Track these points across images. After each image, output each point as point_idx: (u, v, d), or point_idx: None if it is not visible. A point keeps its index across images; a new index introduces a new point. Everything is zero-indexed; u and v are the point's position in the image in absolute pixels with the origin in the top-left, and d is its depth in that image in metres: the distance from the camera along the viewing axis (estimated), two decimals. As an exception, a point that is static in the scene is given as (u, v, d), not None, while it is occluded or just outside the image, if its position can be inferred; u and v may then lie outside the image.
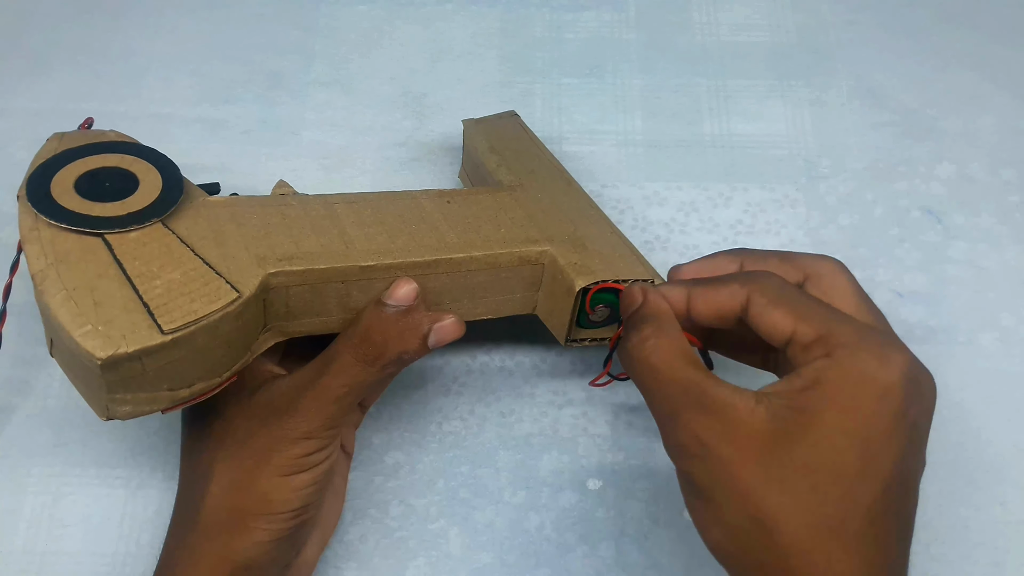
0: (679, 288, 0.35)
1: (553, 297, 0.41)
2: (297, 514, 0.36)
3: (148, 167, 0.38)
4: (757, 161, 0.53)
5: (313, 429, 0.36)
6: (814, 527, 0.29)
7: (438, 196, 0.42)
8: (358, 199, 0.41)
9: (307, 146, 0.53)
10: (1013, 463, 0.44)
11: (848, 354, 0.31)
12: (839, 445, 0.30)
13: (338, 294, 0.37)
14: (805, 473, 0.30)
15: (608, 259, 0.41)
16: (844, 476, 0.30)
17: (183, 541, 0.37)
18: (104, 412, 0.34)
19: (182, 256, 0.35)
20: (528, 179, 0.45)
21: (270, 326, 0.37)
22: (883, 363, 0.31)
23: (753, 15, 0.59)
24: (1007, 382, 0.46)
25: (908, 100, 0.55)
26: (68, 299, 0.32)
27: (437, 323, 0.37)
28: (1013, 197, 0.52)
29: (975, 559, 0.42)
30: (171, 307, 0.33)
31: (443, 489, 0.44)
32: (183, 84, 0.55)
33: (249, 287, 0.35)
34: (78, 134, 0.39)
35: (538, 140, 0.50)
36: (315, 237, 0.38)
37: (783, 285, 0.34)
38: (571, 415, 0.45)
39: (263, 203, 0.39)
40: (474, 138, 0.48)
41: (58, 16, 0.58)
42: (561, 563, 0.42)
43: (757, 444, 0.30)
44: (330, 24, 0.58)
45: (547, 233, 0.41)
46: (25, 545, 0.42)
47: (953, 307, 0.49)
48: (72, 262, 0.34)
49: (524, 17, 0.58)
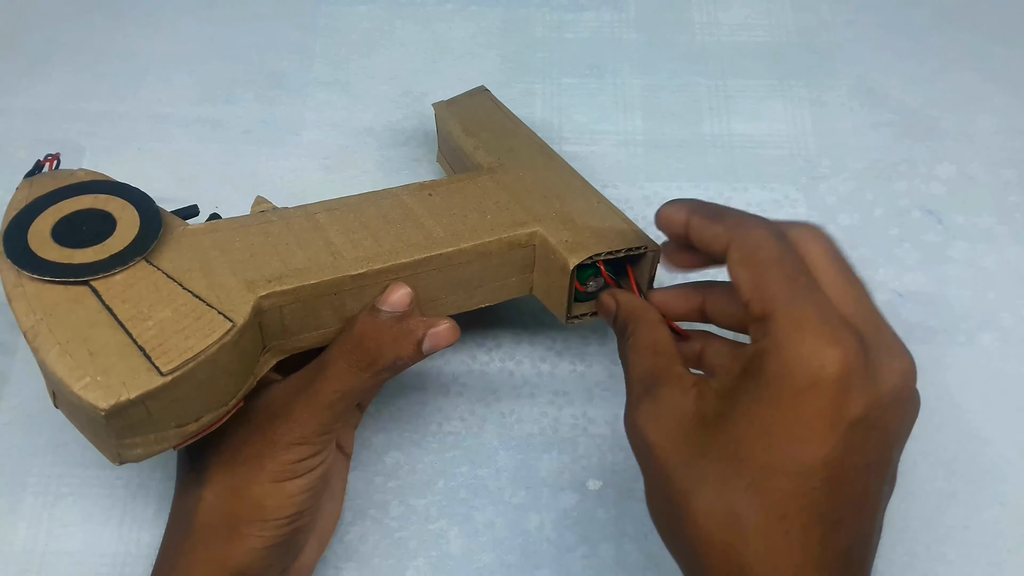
0: (682, 211, 0.35)
1: (548, 276, 0.41)
2: (291, 520, 0.36)
3: (123, 204, 0.37)
4: (757, 161, 0.53)
5: (306, 435, 0.36)
6: (717, 516, 0.29)
7: (419, 190, 0.42)
8: (339, 205, 0.40)
9: (307, 146, 0.53)
10: (1013, 463, 0.44)
11: (787, 340, 0.29)
12: (752, 435, 0.29)
13: (332, 305, 0.37)
14: (717, 460, 0.29)
15: (598, 231, 0.40)
16: (752, 467, 0.29)
17: (178, 546, 0.36)
18: (116, 458, 0.33)
19: (170, 292, 0.35)
20: (507, 158, 0.45)
21: (269, 346, 0.37)
22: (822, 352, 0.28)
23: (753, 15, 0.59)
24: (1007, 382, 0.46)
25: (908, 100, 0.55)
26: (63, 353, 0.32)
27: (431, 328, 0.37)
28: (1013, 197, 0.52)
29: (975, 559, 0.42)
30: (167, 347, 0.33)
31: (443, 489, 0.44)
32: (183, 84, 0.55)
33: (242, 314, 0.34)
34: (47, 178, 0.39)
35: (512, 114, 0.49)
36: (301, 252, 0.37)
37: (762, 244, 0.31)
38: (571, 415, 0.45)
39: (244, 224, 0.39)
40: (447, 121, 0.48)
41: (58, 16, 0.58)
42: (561, 563, 0.42)
43: (679, 429, 0.31)
44: (330, 24, 0.58)
45: (534, 213, 0.41)
46: (25, 545, 0.42)
47: (953, 307, 0.49)
48: (61, 314, 0.33)
49: (524, 17, 0.58)
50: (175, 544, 0.37)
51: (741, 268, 0.31)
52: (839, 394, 0.28)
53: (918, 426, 0.32)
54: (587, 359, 0.47)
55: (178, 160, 0.53)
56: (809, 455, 0.28)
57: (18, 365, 0.46)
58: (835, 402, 0.28)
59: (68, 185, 0.38)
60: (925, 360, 0.41)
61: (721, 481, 0.29)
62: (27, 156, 0.47)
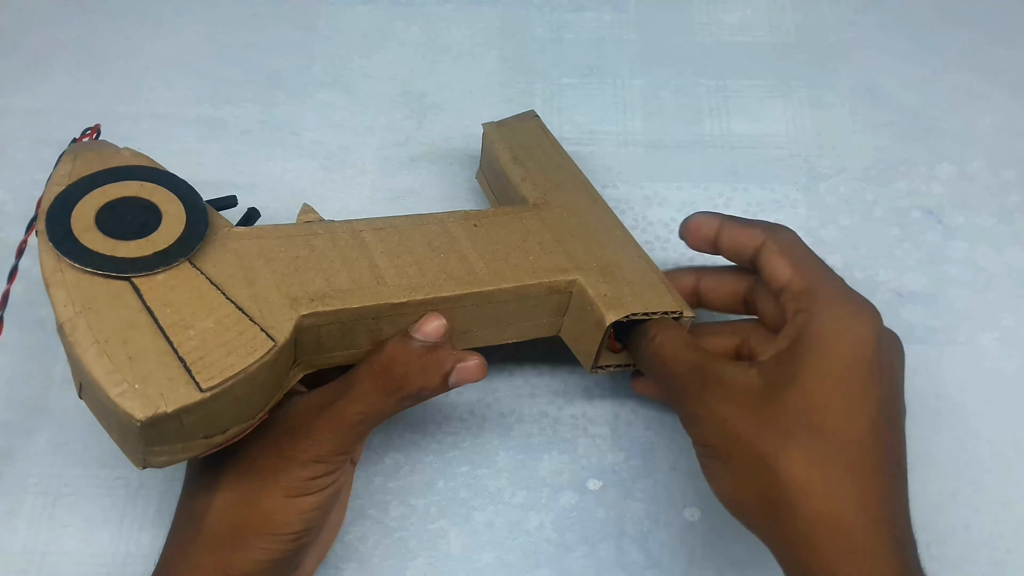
0: (713, 219, 0.40)
1: (580, 325, 0.41)
2: (299, 536, 0.36)
3: (169, 196, 0.37)
4: (757, 161, 0.53)
5: (324, 454, 0.36)
6: (810, 462, 0.32)
7: (464, 219, 0.41)
8: (385, 225, 0.40)
9: (307, 146, 0.53)
10: (1013, 463, 0.44)
11: (827, 308, 0.35)
12: (825, 387, 0.33)
13: (368, 328, 0.37)
14: (797, 415, 0.33)
15: (637, 288, 0.40)
16: (832, 414, 0.33)
17: (182, 551, 0.36)
18: (141, 463, 0.33)
19: (213, 301, 0.34)
20: (553, 194, 0.44)
21: (299, 360, 0.37)
22: (858, 316, 0.35)
23: (753, 15, 0.59)
24: (1007, 382, 0.46)
25: (908, 100, 0.55)
26: (101, 353, 0.31)
27: (461, 363, 0.37)
28: (1013, 197, 0.52)
29: (975, 559, 0.42)
30: (207, 361, 0.32)
31: (443, 489, 0.44)
32: (183, 84, 0.55)
33: (284, 333, 0.34)
34: (91, 153, 0.37)
35: (559, 145, 0.49)
36: (345, 272, 0.37)
37: (796, 241, 0.38)
38: (571, 415, 0.45)
39: (290, 234, 0.38)
40: (495, 145, 0.47)
41: (58, 16, 0.58)
42: (561, 563, 0.42)
43: (752, 398, 0.34)
44: (330, 24, 0.58)
45: (576, 260, 0.41)
46: (25, 545, 0.42)
47: (953, 307, 0.49)
48: (101, 310, 0.32)
49: (524, 17, 0.58)
50: (179, 546, 0.37)
51: (780, 256, 0.37)
52: (878, 349, 0.34)
53: (918, 426, 0.33)
54: (587, 359, 0.47)
55: (178, 160, 0.52)
56: (870, 400, 0.33)
57: (18, 365, 0.46)
58: (876, 355, 0.34)
59: (115, 168, 0.37)
60: (925, 360, 0.41)
61: (807, 432, 0.33)
62: (27, 156, 0.47)
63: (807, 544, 0.32)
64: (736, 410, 0.34)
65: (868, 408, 0.33)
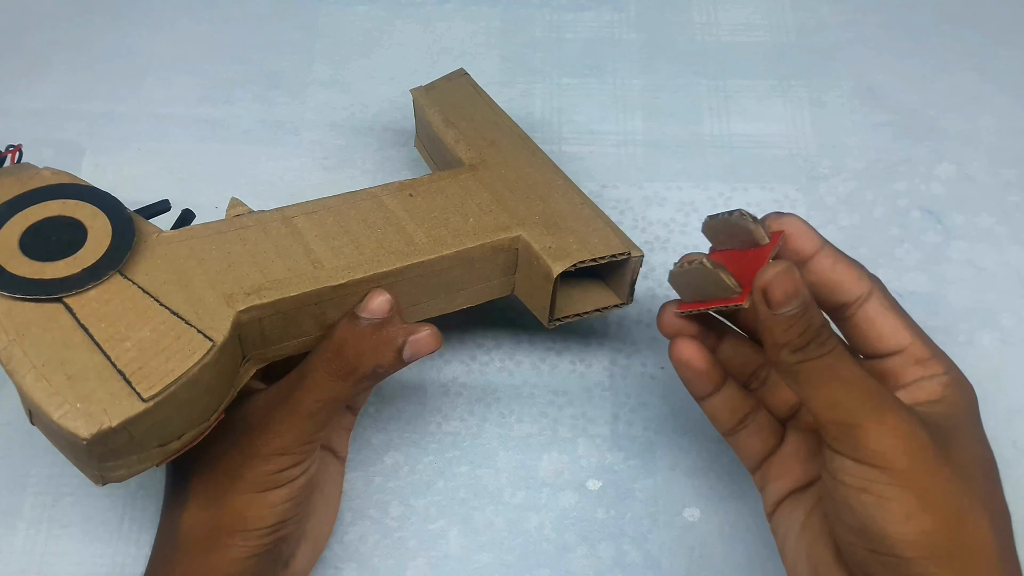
0: (815, 237, 0.35)
1: (530, 281, 0.40)
2: (274, 529, 0.36)
3: (94, 211, 0.36)
4: (757, 161, 0.53)
5: (286, 445, 0.36)
6: (980, 509, 0.32)
7: (399, 190, 0.41)
8: (317, 208, 0.39)
9: (307, 146, 0.53)
10: (1013, 463, 0.44)
11: (949, 368, 0.35)
12: (974, 445, 0.34)
13: (313, 315, 0.37)
14: (962, 467, 0.33)
15: (582, 236, 0.40)
16: (984, 466, 0.34)
17: (165, 558, 0.36)
18: (99, 480, 0.33)
19: (148, 309, 0.34)
20: (490, 153, 0.44)
21: (248, 356, 0.36)
22: (963, 376, 0.35)
23: (753, 15, 0.59)
24: (1007, 382, 0.46)
25: (908, 100, 0.55)
26: (39, 377, 0.31)
27: (412, 335, 0.36)
28: (1013, 197, 0.52)
29: (975, 559, 0.42)
30: (147, 370, 0.32)
31: (443, 489, 0.44)
32: (183, 84, 0.55)
33: (222, 331, 0.33)
34: (10, 178, 0.37)
35: (492, 101, 0.48)
36: (280, 261, 0.37)
37: (890, 295, 0.36)
38: (571, 415, 0.45)
39: (220, 230, 0.38)
40: (426, 109, 0.47)
41: (58, 16, 0.58)
42: (561, 563, 0.42)
43: (921, 452, 0.32)
44: (330, 24, 0.58)
45: (517, 216, 0.40)
46: (25, 545, 0.42)
47: (953, 307, 0.49)
48: (35, 334, 0.32)
49: (524, 17, 0.58)
50: (162, 555, 0.37)
51: (894, 315, 0.35)
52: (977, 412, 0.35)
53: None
54: (587, 359, 0.47)
55: (178, 160, 0.53)
56: (991, 452, 0.35)
57: (18, 365, 0.46)
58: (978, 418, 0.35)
59: (35, 189, 0.36)
60: (925, 360, 0.40)
61: (971, 482, 0.33)
62: (27, 156, 0.47)
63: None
64: (914, 466, 0.32)
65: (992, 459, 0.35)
